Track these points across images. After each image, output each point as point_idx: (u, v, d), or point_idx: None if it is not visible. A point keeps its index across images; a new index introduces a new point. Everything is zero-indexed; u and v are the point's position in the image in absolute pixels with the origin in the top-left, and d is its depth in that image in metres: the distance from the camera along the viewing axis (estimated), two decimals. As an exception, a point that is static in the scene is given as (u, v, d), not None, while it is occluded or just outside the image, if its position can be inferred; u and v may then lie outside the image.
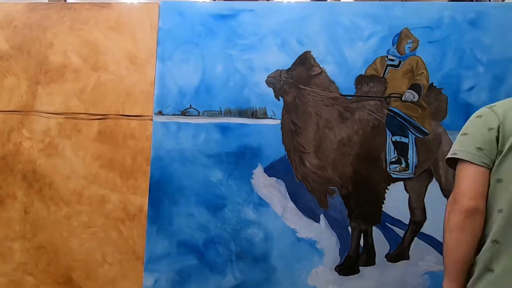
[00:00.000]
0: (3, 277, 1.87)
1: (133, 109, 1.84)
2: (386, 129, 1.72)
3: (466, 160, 1.02)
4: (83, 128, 1.86)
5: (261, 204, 1.75)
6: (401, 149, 1.71)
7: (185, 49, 1.82)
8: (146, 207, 1.79)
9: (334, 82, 1.75)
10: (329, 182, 1.73)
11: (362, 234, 1.71)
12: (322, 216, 1.73)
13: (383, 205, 1.70)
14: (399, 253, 1.69)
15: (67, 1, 3.63)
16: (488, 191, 1.01)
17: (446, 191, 1.68)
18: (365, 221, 1.71)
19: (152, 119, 1.81)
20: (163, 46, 1.84)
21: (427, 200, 1.69)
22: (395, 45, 1.74)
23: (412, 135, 1.71)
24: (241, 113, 1.79)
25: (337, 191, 1.73)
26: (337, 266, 1.71)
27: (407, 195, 1.70)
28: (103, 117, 1.85)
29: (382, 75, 1.74)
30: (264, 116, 1.78)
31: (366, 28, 1.75)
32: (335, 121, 1.74)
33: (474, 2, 2.39)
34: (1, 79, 1.92)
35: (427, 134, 1.70)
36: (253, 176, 1.76)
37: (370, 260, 1.71)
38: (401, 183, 1.71)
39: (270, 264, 1.74)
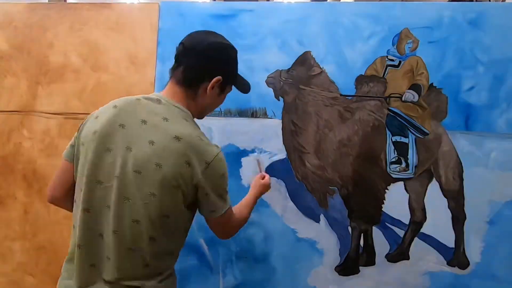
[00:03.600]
0: (3, 277, 1.87)
1: (133, 109, 1.83)
2: (386, 129, 1.72)
3: None
4: (83, 128, 1.85)
5: (261, 204, 1.74)
6: (401, 149, 1.71)
7: (185, 49, 1.82)
8: (146, 207, 1.78)
9: (334, 82, 1.75)
10: (329, 182, 1.73)
11: (362, 234, 1.71)
12: (322, 216, 1.73)
13: (383, 205, 1.70)
14: (399, 253, 1.69)
15: (67, 1, 3.63)
16: None
17: (446, 191, 1.68)
18: (365, 221, 1.71)
19: (152, 119, 1.81)
20: (163, 46, 1.84)
21: (427, 200, 1.69)
22: (395, 45, 1.73)
23: (412, 135, 1.71)
24: (241, 113, 1.79)
25: (337, 191, 1.73)
26: (337, 266, 1.71)
27: (407, 195, 1.70)
28: (103, 117, 1.85)
29: (382, 75, 1.74)
30: (264, 116, 1.78)
31: (366, 28, 1.75)
32: (335, 121, 1.74)
33: (474, 2, 2.39)
34: (1, 79, 1.92)
35: (427, 134, 1.70)
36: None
37: (370, 260, 1.71)
38: (401, 183, 1.70)
39: (270, 264, 1.74)
